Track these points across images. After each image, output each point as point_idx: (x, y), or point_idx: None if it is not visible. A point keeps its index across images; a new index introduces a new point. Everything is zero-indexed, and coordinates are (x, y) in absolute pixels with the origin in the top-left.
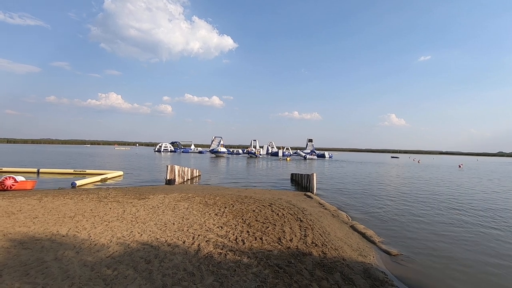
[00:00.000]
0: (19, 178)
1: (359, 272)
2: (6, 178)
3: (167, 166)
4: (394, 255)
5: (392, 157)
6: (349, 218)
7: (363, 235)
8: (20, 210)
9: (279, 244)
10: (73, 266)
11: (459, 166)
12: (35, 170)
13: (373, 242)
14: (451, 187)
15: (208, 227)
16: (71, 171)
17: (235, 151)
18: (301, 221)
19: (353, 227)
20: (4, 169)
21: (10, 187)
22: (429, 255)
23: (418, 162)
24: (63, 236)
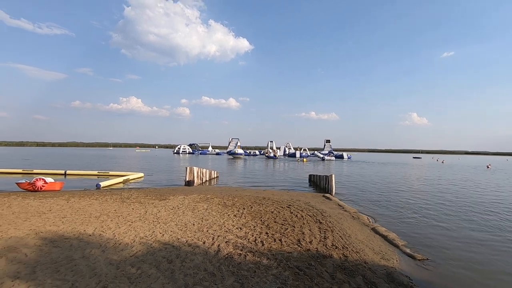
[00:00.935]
0: (48, 179)
1: (382, 276)
2: (36, 180)
3: (186, 168)
4: (419, 260)
5: (414, 157)
6: (370, 220)
7: (385, 238)
8: (50, 210)
9: (298, 246)
10: (99, 264)
11: (487, 167)
12: (62, 171)
13: (396, 246)
14: (480, 189)
15: (227, 228)
16: (96, 172)
17: (252, 153)
18: (320, 223)
19: (374, 230)
20: (35, 171)
21: (41, 188)
22: (457, 260)
23: (442, 162)
24: (90, 235)
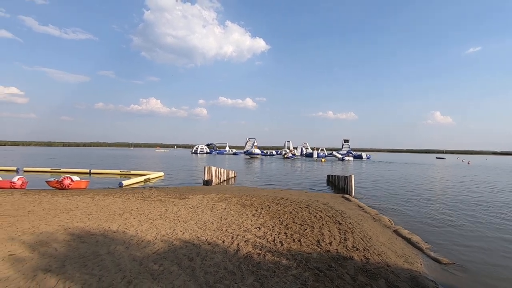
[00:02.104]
0: (75, 178)
1: (406, 279)
2: (64, 178)
3: (205, 167)
4: (445, 264)
5: (438, 157)
6: (392, 222)
7: (408, 240)
8: (77, 207)
9: (318, 247)
10: (124, 260)
11: None
12: (87, 170)
13: (419, 249)
14: (509, 192)
15: (246, 227)
16: (118, 171)
17: (268, 153)
18: (340, 224)
19: (396, 232)
20: (62, 169)
21: (68, 186)
22: (486, 266)
23: (468, 163)
24: (114, 232)
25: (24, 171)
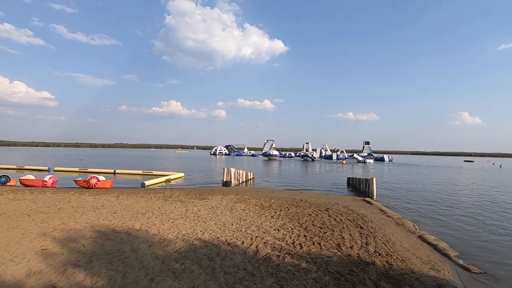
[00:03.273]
0: (101, 177)
1: (432, 287)
2: (91, 178)
3: (224, 169)
4: (475, 273)
5: (466, 160)
6: (416, 227)
7: (434, 247)
8: (103, 206)
9: (338, 250)
10: (146, 258)
11: None
12: (112, 170)
13: (447, 256)
14: None
15: (265, 229)
16: (141, 172)
17: (287, 154)
18: (361, 227)
19: (421, 238)
20: (89, 169)
21: (94, 185)
22: None
23: (500, 166)
24: (137, 230)
25: (55, 170)
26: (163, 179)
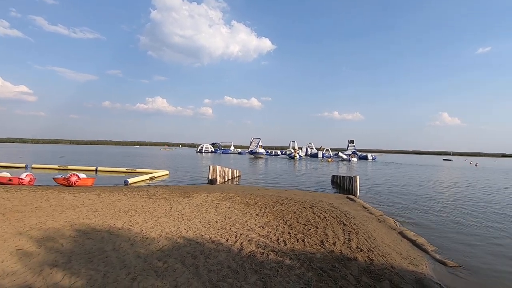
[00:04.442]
0: (81, 175)
1: (411, 281)
2: (71, 175)
3: (209, 166)
4: (450, 266)
5: (445, 159)
6: (397, 224)
7: (413, 242)
8: (83, 204)
9: (321, 247)
10: (128, 257)
11: None
12: (93, 168)
13: (425, 251)
14: None
15: (250, 226)
16: (124, 169)
17: (273, 152)
18: (344, 224)
19: (401, 234)
20: (69, 167)
21: (74, 183)
22: (492, 269)
23: (476, 165)
24: (119, 229)
25: (32, 167)
26: (147, 176)
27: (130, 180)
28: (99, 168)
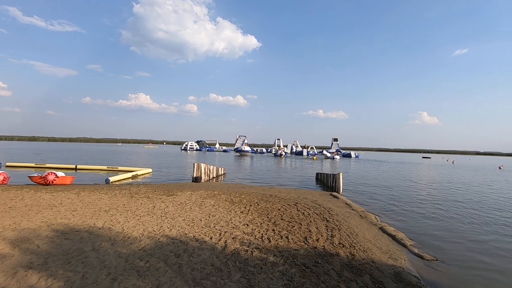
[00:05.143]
0: (60, 173)
1: (390, 275)
2: (48, 174)
3: (194, 164)
4: (427, 260)
5: (424, 157)
6: (378, 219)
7: (393, 237)
8: (61, 203)
9: (305, 243)
10: (109, 257)
11: (499, 168)
12: (73, 166)
13: (404, 245)
14: (491, 190)
15: (234, 224)
16: (105, 167)
17: (259, 150)
18: (327, 221)
19: (382, 229)
20: (47, 165)
21: (52, 182)
22: (466, 262)
23: (453, 163)
24: (100, 228)
25: (6, 166)
26: (129, 175)
27: (112, 179)
28: (78, 166)
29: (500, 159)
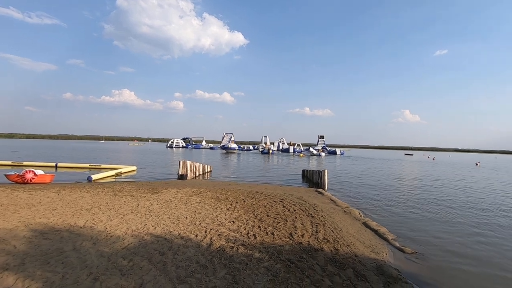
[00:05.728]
0: (38, 172)
1: (372, 268)
2: (26, 172)
3: (179, 162)
4: (408, 253)
5: (406, 154)
6: (361, 215)
7: (375, 232)
8: (40, 203)
9: (290, 239)
10: (90, 257)
11: (476, 164)
12: (53, 164)
13: (386, 240)
14: (468, 186)
15: (220, 221)
16: (87, 165)
17: (245, 147)
18: (312, 217)
19: (365, 224)
20: (25, 163)
21: (30, 181)
22: (445, 254)
23: (433, 159)
24: (81, 227)
25: None
26: (112, 172)
27: (94, 177)
28: (59, 164)
29: (477, 156)
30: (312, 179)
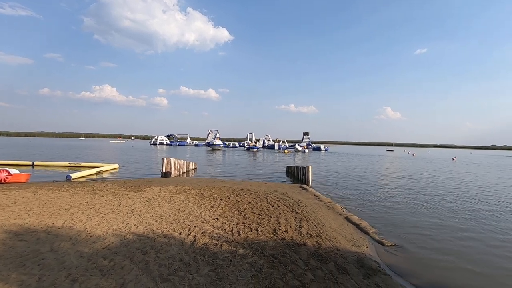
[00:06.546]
0: (13, 171)
1: (353, 261)
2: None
3: (163, 159)
4: (387, 246)
5: (388, 150)
6: (344, 209)
7: (357, 226)
8: (15, 203)
9: (274, 235)
10: (69, 257)
11: (453, 159)
12: (29, 162)
13: (367, 233)
14: (446, 180)
15: (204, 218)
16: (66, 163)
17: (231, 144)
18: (296, 212)
19: (347, 219)
20: None
21: (4, 180)
22: (422, 245)
23: (413, 155)
24: (59, 228)
25: None
26: (93, 171)
27: (74, 175)
28: (36, 163)
29: (454, 151)
30: (297, 175)
